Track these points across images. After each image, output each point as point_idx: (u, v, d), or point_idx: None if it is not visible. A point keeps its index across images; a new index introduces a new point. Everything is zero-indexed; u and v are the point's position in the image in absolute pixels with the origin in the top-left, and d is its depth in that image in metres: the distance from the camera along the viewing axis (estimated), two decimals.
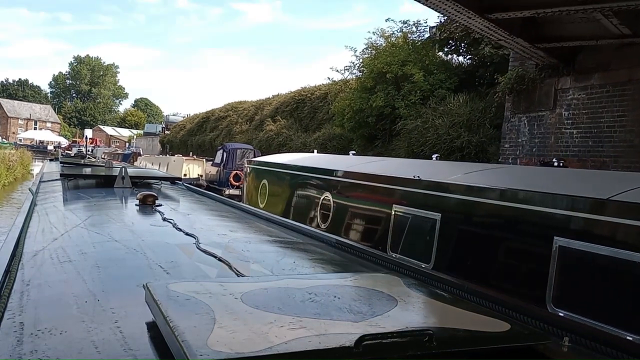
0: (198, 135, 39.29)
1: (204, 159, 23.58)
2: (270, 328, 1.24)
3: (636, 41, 8.62)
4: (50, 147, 64.25)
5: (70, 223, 3.08)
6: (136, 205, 3.56)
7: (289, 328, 1.25)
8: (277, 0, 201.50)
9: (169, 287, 1.48)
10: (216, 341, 1.13)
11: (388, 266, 2.44)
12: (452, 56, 17.96)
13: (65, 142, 70.97)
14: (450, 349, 1.26)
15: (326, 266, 2.45)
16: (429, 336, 1.22)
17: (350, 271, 2.27)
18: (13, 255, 2.12)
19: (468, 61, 17.52)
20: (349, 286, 1.67)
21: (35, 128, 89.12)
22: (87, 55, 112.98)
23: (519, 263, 4.23)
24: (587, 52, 9.87)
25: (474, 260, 4.64)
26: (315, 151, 11.94)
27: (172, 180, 5.98)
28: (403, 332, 1.28)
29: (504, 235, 4.42)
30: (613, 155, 9.24)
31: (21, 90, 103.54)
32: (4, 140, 66.66)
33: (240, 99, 39.20)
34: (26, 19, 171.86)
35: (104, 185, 4.99)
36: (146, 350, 1.27)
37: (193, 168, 22.30)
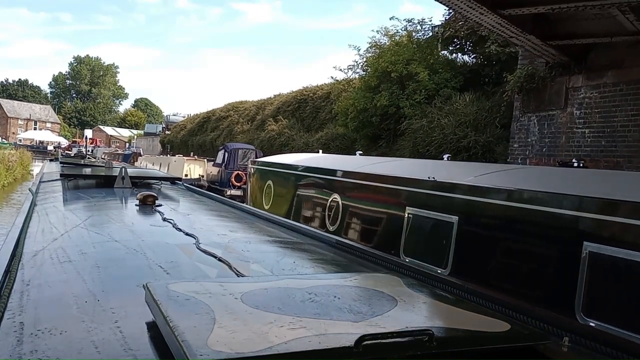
0: (199, 135, 39.11)
1: (205, 159, 23.48)
2: (270, 328, 1.23)
3: None
4: (50, 148, 64.27)
5: (70, 223, 3.09)
6: (136, 205, 3.58)
7: (289, 328, 1.24)
8: (277, 0, 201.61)
9: (169, 287, 1.48)
10: (216, 341, 1.13)
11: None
12: (457, 55, 17.78)
13: (65, 143, 70.98)
14: (450, 349, 1.25)
15: (326, 266, 2.45)
16: (429, 336, 1.21)
17: (350, 271, 2.26)
18: (13, 255, 2.12)
19: (473, 60, 17.33)
20: (349, 286, 1.67)
21: (35, 128, 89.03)
22: (87, 55, 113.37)
23: (544, 270, 4.00)
24: (600, 50, 9.63)
25: (495, 266, 4.43)
26: (320, 151, 11.75)
27: (172, 180, 5.97)
28: (403, 332, 1.27)
29: (528, 240, 4.20)
30: (627, 155, 9.01)
31: (21, 90, 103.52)
32: (4, 140, 66.49)
33: (240, 99, 39.08)
34: (26, 19, 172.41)
35: (104, 185, 5.00)
36: (146, 350, 1.27)
37: (194, 168, 22.22)
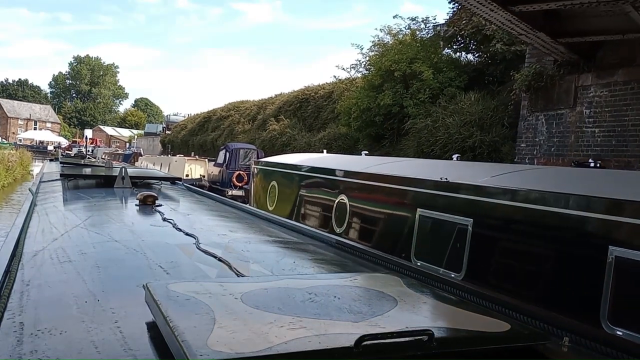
0: (200, 135, 38.92)
1: (206, 159, 23.30)
2: (270, 328, 1.23)
3: None
4: (50, 148, 64.10)
5: (70, 223, 3.08)
6: (136, 205, 3.57)
7: (289, 328, 1.24)
8: (277, 0, 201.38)
9: (169, 287, 1.47)
10: (216, 341, 1.13)
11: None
12: (461, 54, 17.60)
13: (65, 143, 70.85)
14: (450, 349, 1.25)
15: (326, 266, 2.44)
16: (429, 336, 1.21)
17: (350, 271, 2.24)
18: (13, 255, 2.12)
19: (477, 59, 17.14)
20: (349, 286, 1.66)
21: (35, 128, 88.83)
22: (87, 55, 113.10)
23: (567, 276, 3.81)
24: (609, 48, 9.46)
25: (512, 270, 4.24)
26: (324, 151, 11.58)
27: (172, 180, 5.95)
28: (403, 332, 1.26)
29: (548, 244, 4.01)
30: (638, 155, 8.83)
31: (21, 90, 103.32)
32: (4, 140, 66.26)
33: (241, 99, 38.86)
34: (26, 19, 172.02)
35: (104, 185, 4.98)
36: (146, 350, 1.27)
37: (195, 168, 22.07)
